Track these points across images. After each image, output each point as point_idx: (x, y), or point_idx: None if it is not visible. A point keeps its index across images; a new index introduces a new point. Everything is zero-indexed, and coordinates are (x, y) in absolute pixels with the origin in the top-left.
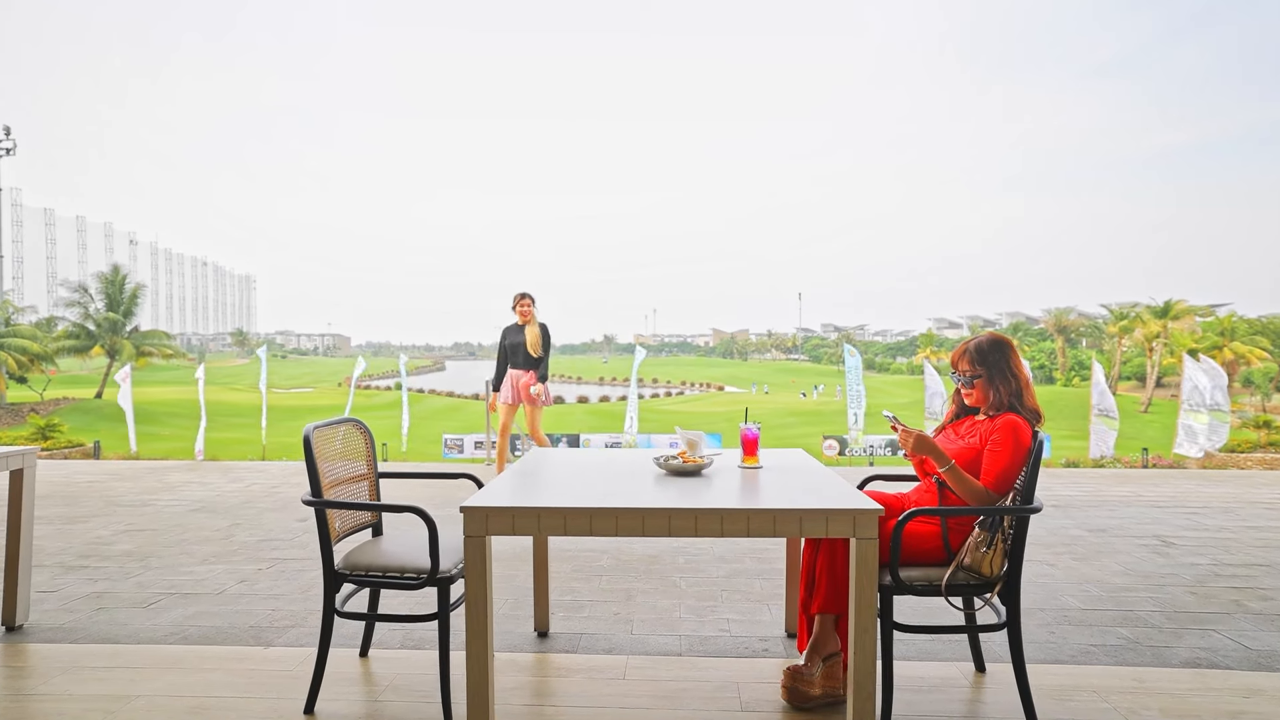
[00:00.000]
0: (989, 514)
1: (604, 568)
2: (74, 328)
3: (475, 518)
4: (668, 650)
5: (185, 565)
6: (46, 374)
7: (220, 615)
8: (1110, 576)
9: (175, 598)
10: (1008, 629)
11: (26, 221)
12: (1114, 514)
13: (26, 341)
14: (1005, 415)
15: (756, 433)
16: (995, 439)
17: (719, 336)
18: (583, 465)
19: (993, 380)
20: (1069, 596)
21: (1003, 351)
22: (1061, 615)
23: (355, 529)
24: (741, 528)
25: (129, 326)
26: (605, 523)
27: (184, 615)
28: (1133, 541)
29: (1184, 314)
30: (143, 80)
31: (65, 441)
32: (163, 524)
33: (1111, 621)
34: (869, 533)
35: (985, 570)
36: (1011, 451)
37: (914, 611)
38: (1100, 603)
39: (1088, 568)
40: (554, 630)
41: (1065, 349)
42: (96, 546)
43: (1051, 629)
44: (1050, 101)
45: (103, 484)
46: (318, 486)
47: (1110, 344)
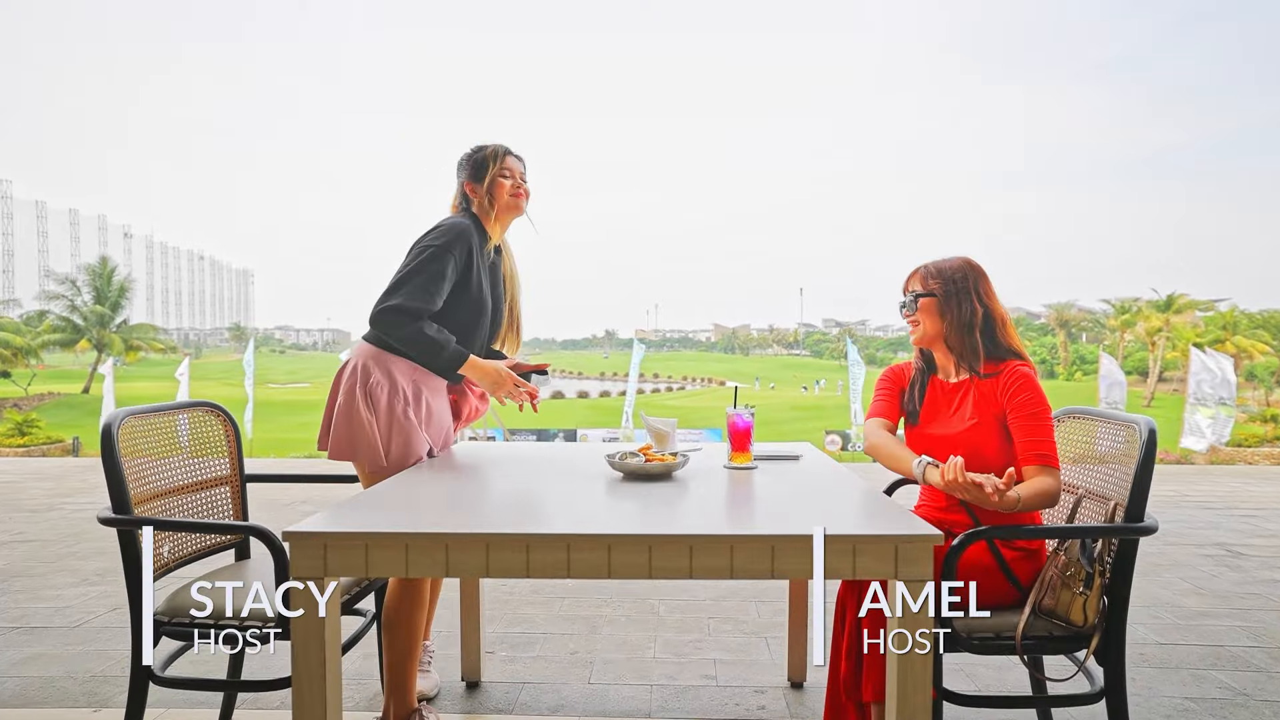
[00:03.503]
0: (1084, 534)
1: (569, 587)
2: (60, 321)
3: (307, 551)
4: (632, 709)
5: (56, 588)
6: (32, 369)
7: (61, 660)
8: (1180, 597)
9: (17, 633)
10: (1107, 701)
11: (17, 214)
12: (1161, 516)
13: (9, 335)
14: (1007, 367)
15: (749, 422)
16: (1020, 401)
17: (720, 332)
18: (518, 461)
19: (949, 303)
20: (1138, 625)
21: (973, 273)
22: (1137, 653)
23: (206, 551)
24: (722, 563)
25: (117, 320)
26: (508, 557)
27: (12, 660)
28: (1194, 551)
29: (1186, 308)
30: (140, 73)
31: (44, 438)
32: (59, 534)
33: (1201, 662)
34: (920, 572)
35: (1076, 618)
36: (1046, 414)
37: (964, 672)
38: (1179, 634)
39: (1150, 584)
40: (488, 678)
41: (1067, 344)
42: None
43: (1131, 675)
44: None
45: (18, 485)
46: (122, 498)
47: (1112, 338)
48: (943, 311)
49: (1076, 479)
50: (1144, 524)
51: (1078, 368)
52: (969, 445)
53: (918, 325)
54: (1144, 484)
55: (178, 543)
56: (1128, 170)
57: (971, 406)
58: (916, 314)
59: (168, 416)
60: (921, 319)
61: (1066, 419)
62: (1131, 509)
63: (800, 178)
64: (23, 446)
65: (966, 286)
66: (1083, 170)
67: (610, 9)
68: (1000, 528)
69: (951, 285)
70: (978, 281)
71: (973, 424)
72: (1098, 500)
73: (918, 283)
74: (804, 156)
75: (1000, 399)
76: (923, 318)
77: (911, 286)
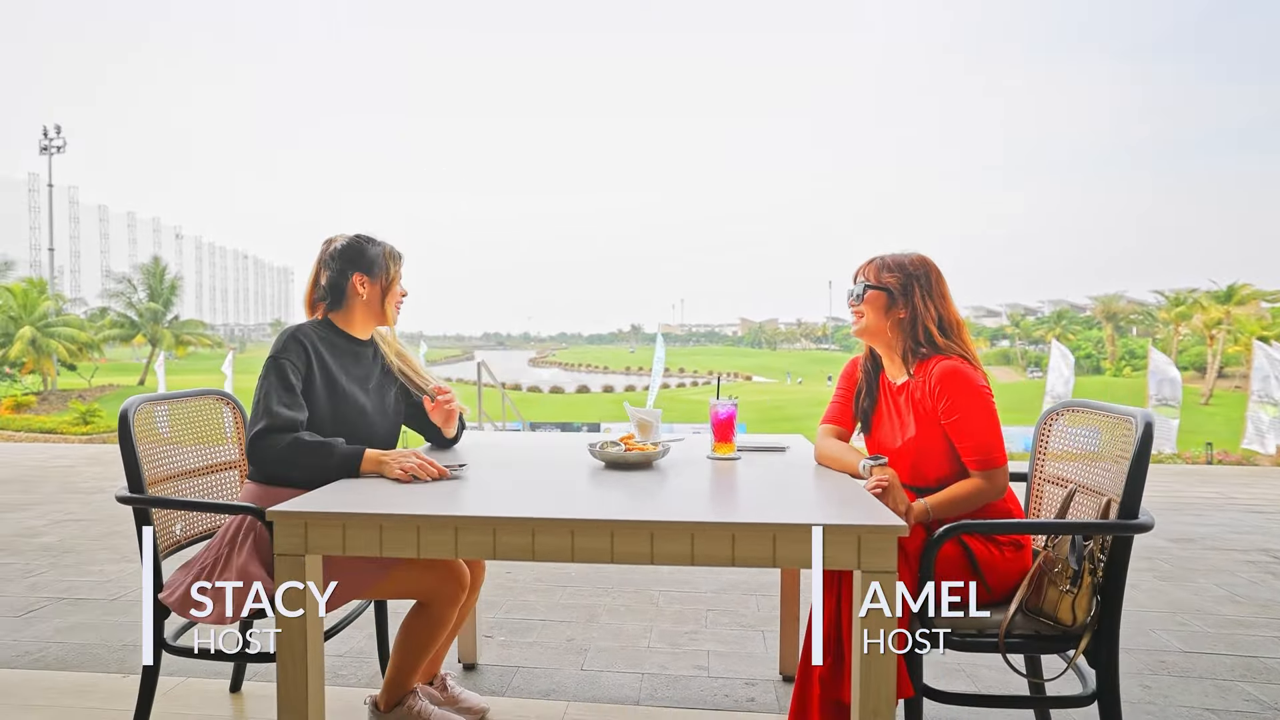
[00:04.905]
0: (1062, 530)
1: (571, 576)
2: (119, 317)
3: (289, 528)
4: (622, 696)
5: (99, 563)
6: (94, 362)
7: (98, 629)
8: (1213, 605)
9: (61, 604)
10: (1099, 704)
11: (82, 218)
12: (1201, 520)
13: (75, 331)
14: (933, 364)
15: (730, 412)
16: (948, 404)
17: (747, 326)
18: (500, 450)
19: (895, 299)
20: (1162, 632)
21: (927, 271)
22: (1157, 661)
23: (217, 529)
24: (682, 550)
25: (169, 316)
26: (475, 538)
27: (57, 628)
28: (1233, 557)
29: (1249, 299)
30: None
31: (104, 426)
32: (104, 515)
33: (1229, 672)
34: (883, 562)
35: (1064, 617)
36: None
37: (945, 669)
38: (1208, 643)
39: (1180, 591)
40: (485, 661)
41: (1114, 337)
42: (16, 539)
43: (1145, 682)
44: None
45: (75, 469)
46: (137, 478)
47: (1165, 332)
48: (889, 307)
49: (1072, 474)
50: (1136, 521)
51: (1126, 363)
52: (911, 459)
53: (861, 317)
54: (1138, 479)
55: (189, 521)
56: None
57: (912, 414)
58: (862, 305)
59: (177, 404)
60: (866, 311)
61: (1065, 412)
62: (1125, 505)
63: (831, 170)
64: (85, 434)
65: (919, 284)
66: (1127, 156)
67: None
68: (978, 523)
69: (904, 281)
70: (931, 280)
71: (911, 437)
72: (1093, 496)
73: (871, 274)
74: (835, 148)
75: (930, 401)
76: (868, 310)
77: (863, 276)
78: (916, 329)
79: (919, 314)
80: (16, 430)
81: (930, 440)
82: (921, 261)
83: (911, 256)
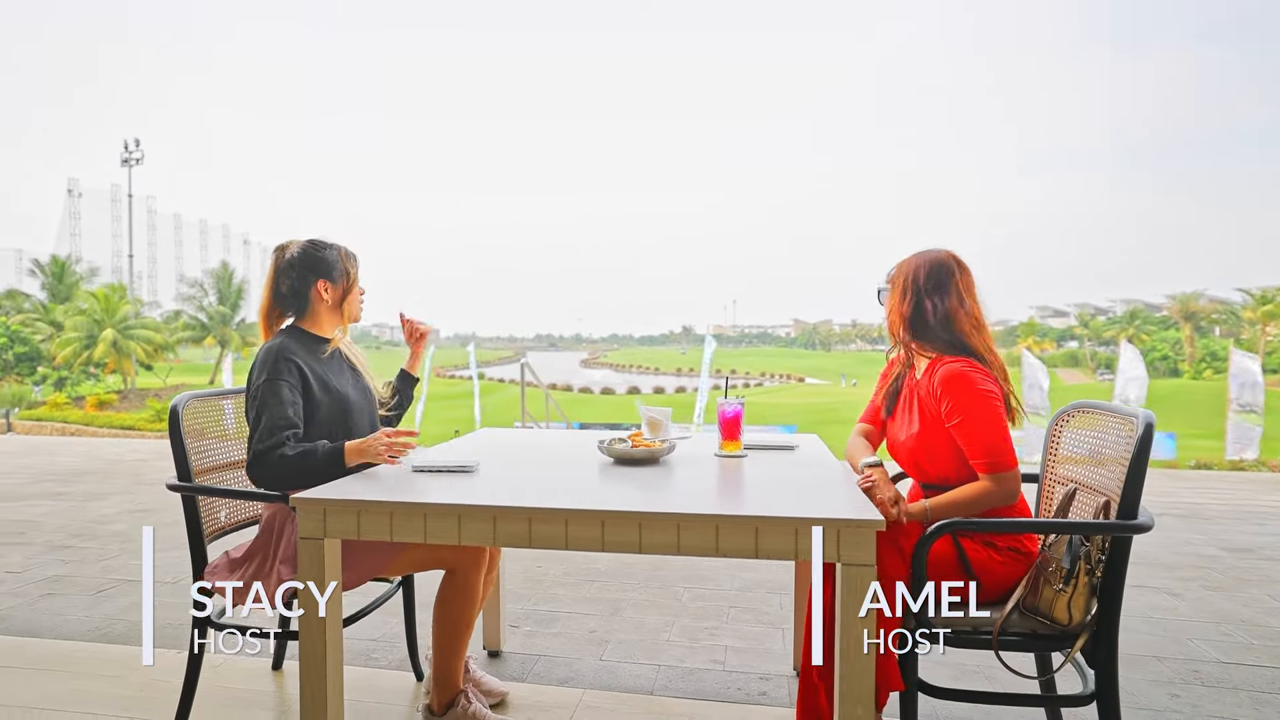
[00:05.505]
0: (1066, 529)
1: (600, 571)
2: (191, 320)
3: (311, 514)
4: (637, 686)
5: (161, 549)
6: (169, 363)
7: (160, 608)
8: (1262, 616)
9: (130, 585)
10: (1098, 703)
11: (160, 226)
12: (1263, 529)
13: (151, 333)
14: (939, 366)
15: (737, 411)
16: (951, 407)
17: (800, 327)
18: (516, 448)
19: (906, 295)
20: (1201, 642)
21: (948, 268)
22: (1190, 670)
23: (258, 518)
24: (669, 539)
25: (236, 318)
26: (478, 526)
27: (123, 606)
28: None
29: None
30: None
31: None
32: (167, 504)
33: (1270, 685)
34: (862, 556)
35: (1060, 616)
36: (980, 413)
37: (943, 667)
38: (1250, 655)
39: (1227, 601)
40: (508, 649)
41: (1194, 338)
42: (92, 525)
43: (1175, 690)
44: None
45: (148, 463)
46: (186, 468)
47: (1251, 332)
48: (902, 303)
49: (1076, 475)
50: (1133, 522)
51: (1207, 365)
52: (914, 454)
53: (887, 314)
54: (1137, 480)
55: (233, 509)
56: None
57: (917, 412)
58: (885, 302)
59: (222, 401)
60: (886, 306)
61: (1075, 414)
62: (1124, 506)
63: (880, 166)
64: (160, 431)
65: (928, 281)
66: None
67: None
68: (971, 521)
69: (920, 278)
70: (949, 277)
71: (914, 434)
72: (1097, 496)
73: (894, 270)
74: (887, 147)
75: (933, 403)
76: (887, 305)
77: (889, 273)
78: (921, 325)
79: (924, 311)
80: (100, 426)
81: (932, 439)
82: (936, 259)
83: (931, 254)
